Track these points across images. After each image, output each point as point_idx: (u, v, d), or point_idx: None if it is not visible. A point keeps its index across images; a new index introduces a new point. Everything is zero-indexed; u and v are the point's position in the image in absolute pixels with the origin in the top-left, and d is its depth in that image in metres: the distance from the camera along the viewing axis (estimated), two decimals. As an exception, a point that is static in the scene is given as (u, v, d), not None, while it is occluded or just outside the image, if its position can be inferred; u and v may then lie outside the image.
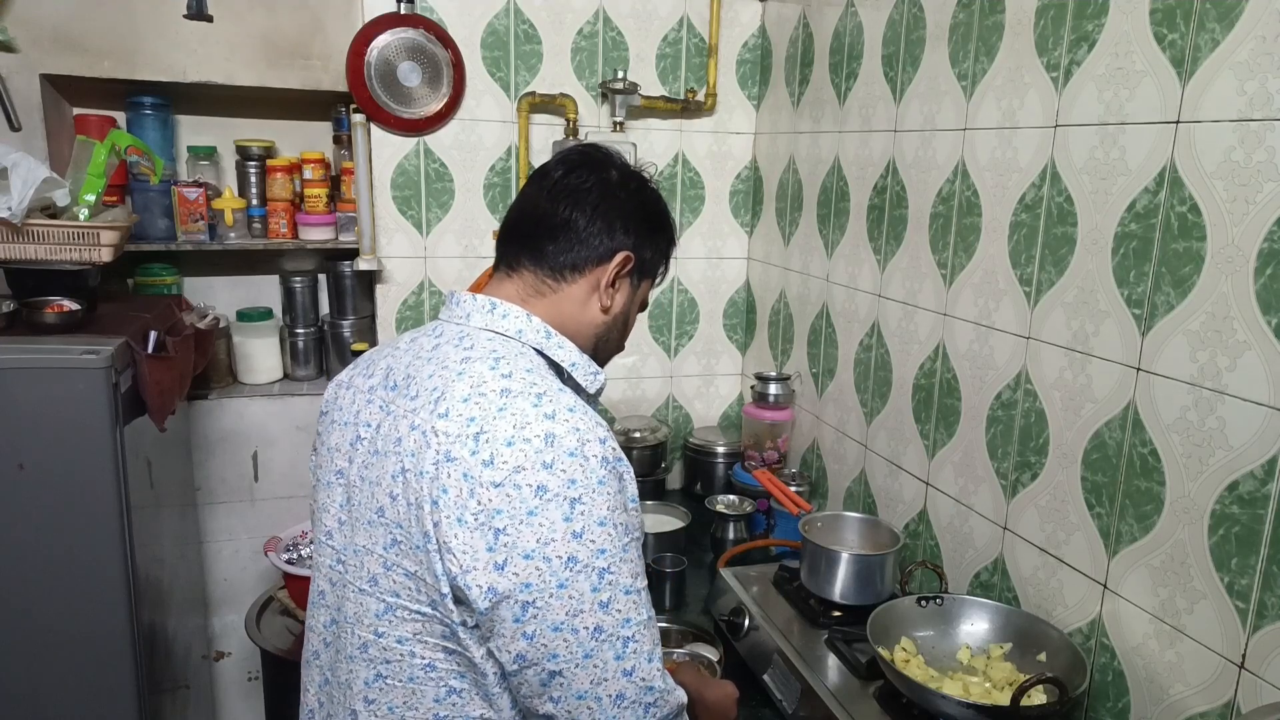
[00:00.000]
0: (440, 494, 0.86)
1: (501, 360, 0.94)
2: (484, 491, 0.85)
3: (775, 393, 2.25)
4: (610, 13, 2.28)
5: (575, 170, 1.05)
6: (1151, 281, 1.26)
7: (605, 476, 0.88)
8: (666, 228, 1.13)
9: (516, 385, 0.90)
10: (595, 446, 0.88)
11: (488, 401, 0.89)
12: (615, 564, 0.87)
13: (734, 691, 1.26)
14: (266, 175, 2.23)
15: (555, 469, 0.85)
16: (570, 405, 0.90)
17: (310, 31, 2.15)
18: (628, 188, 1.07)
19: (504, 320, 1.00)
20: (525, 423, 0.87)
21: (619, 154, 1.11)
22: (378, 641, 0.93)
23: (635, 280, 1.09)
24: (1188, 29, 1.19)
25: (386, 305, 2.29)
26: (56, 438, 1.56)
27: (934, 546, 1.76)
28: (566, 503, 0.85)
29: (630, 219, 1.05)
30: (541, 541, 0.84)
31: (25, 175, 1.62)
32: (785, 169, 2.33)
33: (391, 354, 1.05)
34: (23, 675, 1.61)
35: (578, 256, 1.03)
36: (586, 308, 1.05)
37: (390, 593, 0.92)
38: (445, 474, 0.86)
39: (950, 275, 1.69)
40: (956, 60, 1.65)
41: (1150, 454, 1.27)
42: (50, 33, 1.97)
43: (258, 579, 2.30)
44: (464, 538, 0.85)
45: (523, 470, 0.85)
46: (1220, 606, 1.17)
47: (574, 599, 0.85)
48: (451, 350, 0.96)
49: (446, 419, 0.88)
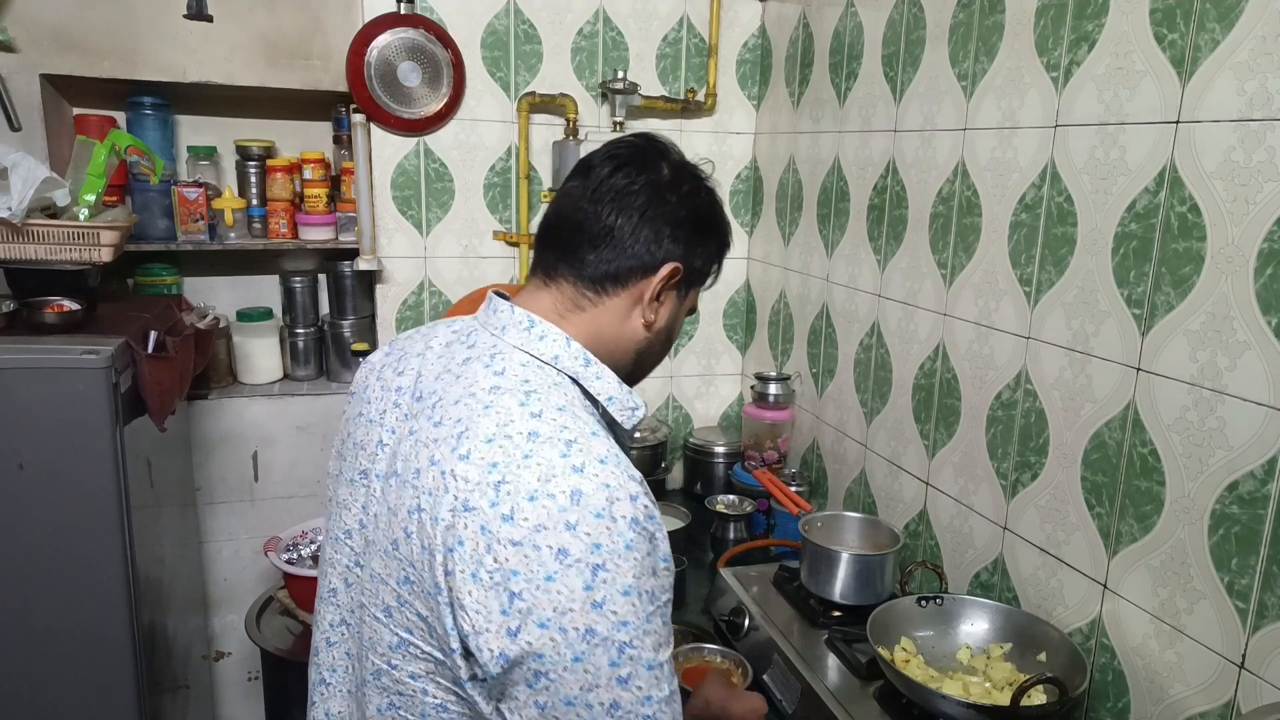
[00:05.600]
0: (456, 545, 0.80)
1: (532, 395, 0.87)
2: (501, 549, 0.78)
3: (775, 393, 2.25)
4: (610, 13, 2.28)
5: (623, 168, 0.95)
6: (1151, 281, 1.26)
7: (634, 540, 0.80)
8: (720, 232, 1.03)
9: (545, 428, 0.83)
10: (625, 506, 0.80)
11: (513, 445, 0.82)
12: (638, 637, 0.80)
13: (762, 705, 1.20)
14: (266, 175, 2.23)
15: (579, 531, 0.78)
16: (601, 456, 0.82)
17: (310, 31, 2.15)
18: (679, 190, 0.97)
19: (541, 343, 0.92)
20: (551, 475, 0.80)
21: (672, 145, 1.01)
22: (390, 672, 0.90)
23: (683, 290, 1.01)
24: (1188, 29, 1.19)
25: (386, 305, 2.29)
26: (56, 438, 1.56)
27: (934, 546, 1.76)
28: (589, 569, 0.78)
29: (681, 225, 0.96)
30: (558, 610, 0.78)
31: (25, 175, 1.63)
32: (785, 169, 2.33)
33: (424, 353, 0.98)
34: (23, 675, 1.61)
35: (621, 267, 0.94)
36: (627, 323, 0.97)
37: (403, 628, 0.88)
38: (462, 524, 0.80)
39: (950, 275, 1.69)
40: (956, 60, 1.65)
41: (1150, 454, 1.27)
42: (50, 33, 1.97)
43: (258, 579, 2.30)
44: (478, 596, 0.79)
45: (544, 530, 0.78)
46: (1220, 606, 1.17)
47: (590, 673, 0.79)
48: (481, 370, 0.90)
49: (467, 462, 0.82)
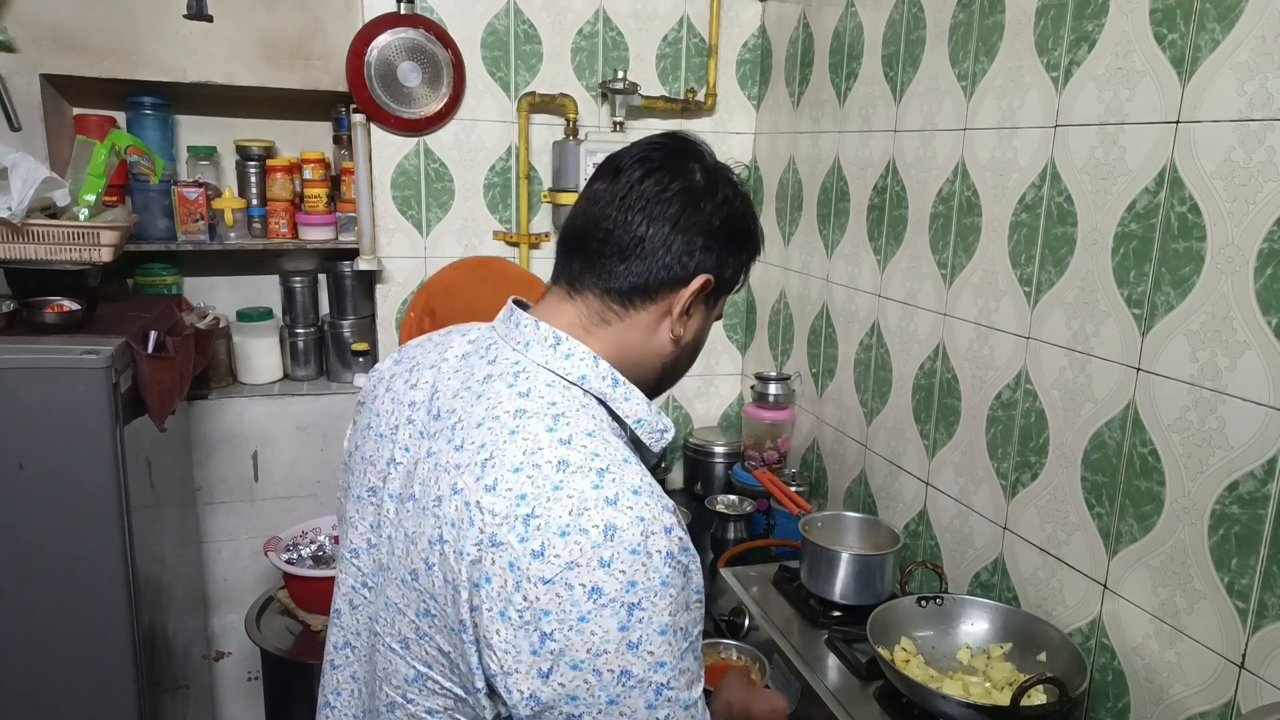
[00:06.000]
0: (483, 581, 0.77)
1: (561, 420, 0.83)
2: (531, 587, 0.75)
3: (775, 393, 2.25)
4: (610, 13, 2.28)
5: (655, 173, 0.91)
6: (1151, 281, 1.26)
7: (670, 575, 0.77)
8: (754, 240, 0.99)
9: (576, 457, 0.80)
10: (660, 540, 0.77)
11: (542, 476, 0.78)
12: (674, 677, 0.78)
13: (784, 705, 1.18)
14: (266, 175, 2.23)
15: (614, 568, 0.75)
16: (635, 486, 0.79)
17: (310, 31, 2.15)
18: (714, 198, 0.92)
19: (567, 361, 0.88)
20: (583, 509, 0.76)
21: (704, 145, 0.97)
22: (406, 706, 0.87)
23: (712, 301, 0.97)
24: (1188, 29, 1.19)
25: (386, 305, 2.29)
26: (56, 438, 1.56)
27: (934, 546, 1.76)
28: (624, 609, 0.75)
29: (715, 236, 0.92)
30: (593, 653, 0.75)
31: (25, 175, 1.62)
32: (785, 169, 2.33)
33: (439, 366, 0.95)
34: (23, 675, 1.61)
35: (651, 280, 0.90)
36: (654, 337, 0.93)
37: (422, 662, 0.85)
38: (489, 559, 0.77)
39: (950, 275, 1.69)
40: (956, 60, 1.65)
41: (1150, 454, 1.27)
42: (50, 33, 1.97)
43: (258, 579, 2.30)
44: (506, 635, 0.76)
45: (577, 568, 0.75)
46: (1220, 606, 1.17)
47: (625, 716, 0.77)
48: (504, 391, 0.86)
49: (494, 493, 0.78)
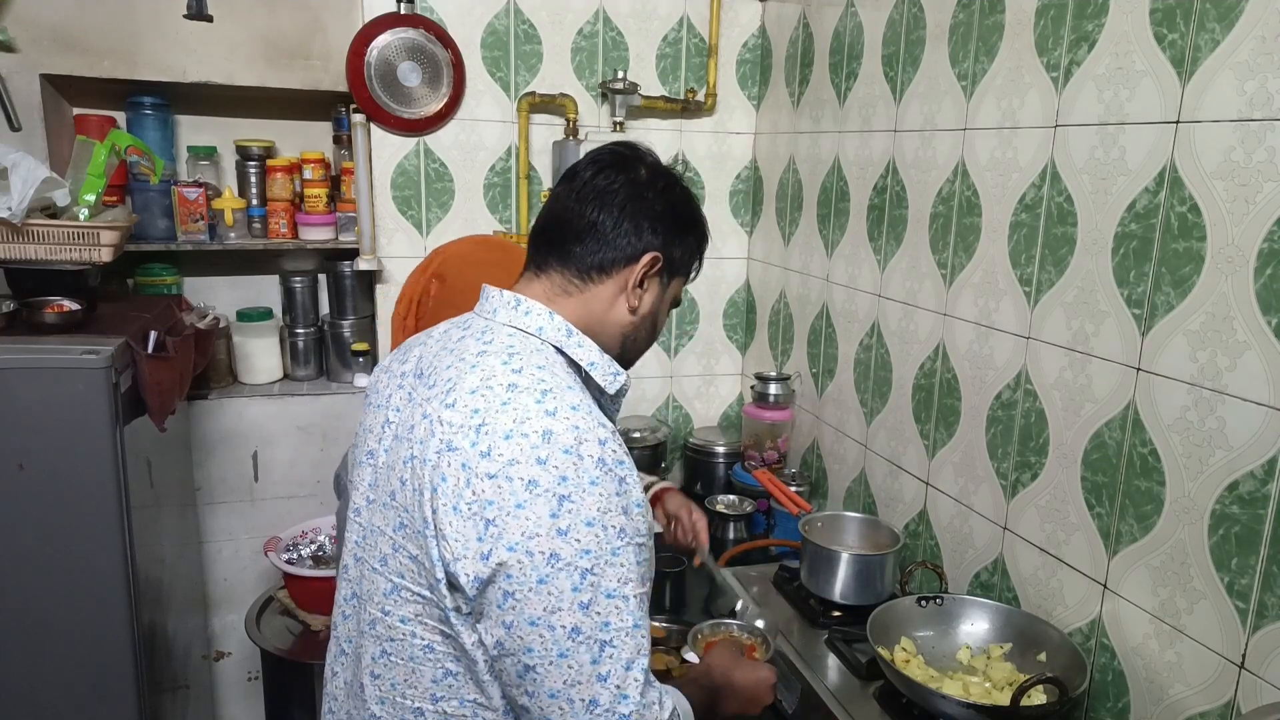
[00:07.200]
0: (440, 481, 0.89)
1: (515, 355, 0.96)
2: (479, 482, 0.87)
3: (775, 393, 2.25)
4: (610, 13, 2.28)
5: (604, 171, 1.05)
6: (1151, 281, 1.26)
7: (599, 477, 0.89)
8: (697, 225, 1.12)
9: (524, 381, 0.92)
10: (593, 447, 0.89)
11: (493, 395, 0.91)
12: (600, 565, 0.87)
13: (769, 676, 1.25)
14: (266, 175, 2.23)
15: (548, 465, 0.87)
16: (574, 404, 0.92)
17: (310, 31, 2.15)
18: (656, 187, 1.06)
19: (526, 317, 1.01)
20: (525, 418, 0.89)
21: (650, 151, 1.10)
22: (384, 619, 0.96)
23: (665, 279, 1.09)
24: (1188, 29, 1.19)
25: (386, 305, 2.29)
26: (56, 438, 1.56)
27: (934, 546, 1.76)
28: (555, 499, 0.86)
29: (659, 219, 1.05)
30: (526, 535, 0.86)
31: (25, 175, 1.62)
32: (785, 169, 2.33)
33: (425, 342, 1.08)
34: (23, 675, 1.61)
35: (605, 258, 1.03)
36: (614, 308, 1.05)
37: (396, 573, 0.95)
38: (446, 462, 0.89)
39: (950, 275, 1.69)
40: (956, 60, 1.65)
41: (1150, 454, 1.27)
42: (50, 33, 1.97)
43: (258, 579, 2.30)
44: (457, 525, 0.87)
45: (516, 464, 0.87)
46: (1220, 606, 1.17)
47: (553, 596, 0.86)
48: (472, 343, 0.99)
49: (453, 409, 0.92)
